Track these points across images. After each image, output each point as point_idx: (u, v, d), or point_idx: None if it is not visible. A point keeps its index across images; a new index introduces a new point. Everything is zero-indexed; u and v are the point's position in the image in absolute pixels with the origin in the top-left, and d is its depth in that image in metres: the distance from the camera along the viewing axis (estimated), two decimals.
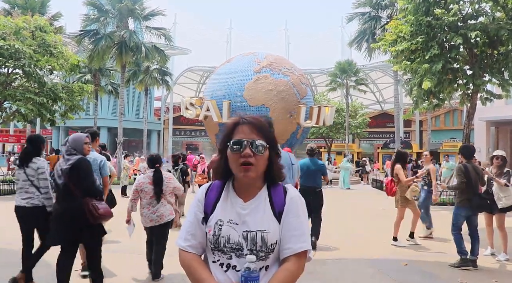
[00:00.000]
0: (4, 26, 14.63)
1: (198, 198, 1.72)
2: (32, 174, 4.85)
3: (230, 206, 1.64)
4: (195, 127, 43.65)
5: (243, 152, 1.56)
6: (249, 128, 1.61)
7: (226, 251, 1.58)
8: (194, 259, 1.64)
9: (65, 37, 23.03)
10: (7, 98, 15.34)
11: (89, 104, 29.56)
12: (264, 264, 1.58)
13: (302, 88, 22.71)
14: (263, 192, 1.66)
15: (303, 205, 1.69)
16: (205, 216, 1.67)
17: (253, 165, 1.57)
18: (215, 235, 1.60)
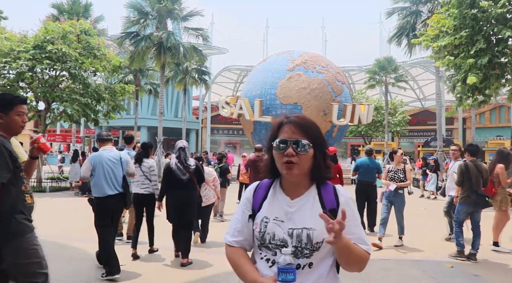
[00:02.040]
0: (52, 31, 15.31)
1: (246, 197, 1.77)
2: (146, 170, 6.52)
3: (277, 204, 1.67)
4: (233, 125, 44.00)
5: (286, 152, 1.59)
6: (293, 128, 1.64)
7: (271, 248, 1.61)
8: (239, 252, 1.69)
9: (107, 40, 23.78)
10: (55, 99, 16.05)
11: (130, 104, 30.40)
12: (308, 262, 1.59)
13: (337, 86, 22.44)
14: (311, 190, 1.68)
15: (355, 206, 1.72)
16: (253, 213, 1.71)
17: (296, 164, 1.59)
18: (261, 232, 1.64)
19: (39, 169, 16.16)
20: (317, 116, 20.69)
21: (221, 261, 6.05)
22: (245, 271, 1.63)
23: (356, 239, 1.60)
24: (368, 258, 1.62)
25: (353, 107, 21.52)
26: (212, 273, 5.50)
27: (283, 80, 21.97)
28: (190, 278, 5.29)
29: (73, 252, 6.53)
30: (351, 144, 44.73)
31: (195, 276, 5.37)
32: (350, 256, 1.56)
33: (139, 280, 5.21)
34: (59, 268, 5.52)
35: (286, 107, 21.71)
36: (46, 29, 15.48)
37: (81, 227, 8.65)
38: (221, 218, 9.74)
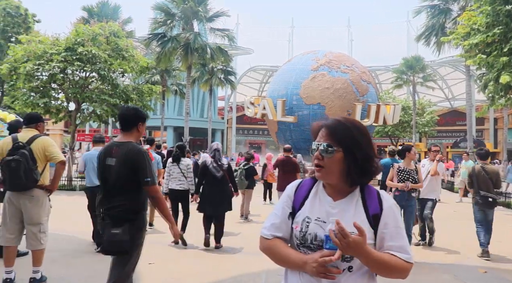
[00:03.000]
0: (83, 33, 15.69)
1: (287, 194, 1.76)
2: (184, 168, 7.39)
3: (319, 204, 1.66)
4: (258, 126, 44.07)
5: (314, 155, 1.65)
6: (324, 131, 1.67)
7: (313, 248, 1.61)
8: (276, 241, 1.69)
9: (134, 41, 24.20)
10: (85, 100, 16.42)
11: (156, 104, 30.84)
12: (347, 265, 1.58)
13: (362, 86, 22.16)
14: (355, 193, 1.66)
15: (399, 213, 1.71)
16: (293, 211, 1.71)
17: (322, 167, 1.63)
18: (302, 231, 1.63)
19: (69, 168, 16.57)
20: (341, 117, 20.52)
21: (248, 261, 6.07)
22: (287, 254, 1.64)
23: (397, 248, 1.58)
24: (409, 268, 1.58)
25: (377, 107, 21.21)
26: (238, 273, 5.50)
27: (306, 80, 21.88)
28: (217, 277, 5.31)
29: None
30: (378, 145, 44.11)
31: (222, 275, 5.38)
32: (382, 268, 1.55)
33: (167, 279, 5.26)
34: (89, 265, 5.63)
35: (310, 107, 21.62)
36: (77, 32, 15.87)
37: None
38: (246, 219, 9.75)
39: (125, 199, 3.26)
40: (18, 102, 16.29)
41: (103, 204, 3.33)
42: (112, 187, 3.29)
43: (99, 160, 3.44)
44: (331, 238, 1.46)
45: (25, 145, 4.48)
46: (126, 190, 3.27)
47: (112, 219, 3.24)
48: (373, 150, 1.67)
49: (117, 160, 3.29)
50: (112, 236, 3.17)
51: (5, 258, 4.57)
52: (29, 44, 15.82)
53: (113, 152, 3.35)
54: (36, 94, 16.03)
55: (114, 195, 3.28)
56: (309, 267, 1.54)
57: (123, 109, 3.52)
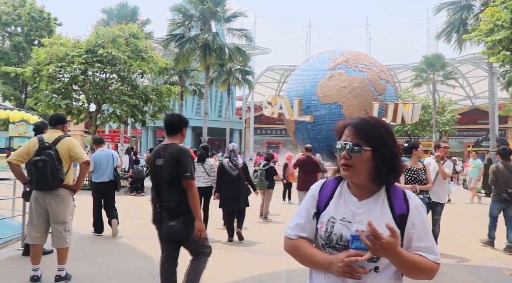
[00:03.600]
0: (103, 35, 15.93)
1: (312, 194, 1.75)
2: (208, 168, 7.99)
3: (344, 204, 1.65)
4: (276, 125, 44.02)
5: (341, 155, 1.62)
6: (350, 130, 1.64)
7: (338, 248, 1.60)
8: (301, 241, 1.68)
9: (153, 42, 24.45)
10: (105, 101, 16.68)
11: (175, 104, 31.09)
12: (374, 265, 1.57)
13: (380, 84, 21.90)
14: (380, 193, 1.64)
15: (425, 213, 1.67)
16: (317, 211, 1.70)
17: (350, 167, 1.60)
18: (327, 231, 1.62)
19: None
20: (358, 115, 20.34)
21: (268, 260, 6.08)
22: (312, 254, 1.63)
23: (424, 248, 1.56)
24: (437, 268, 1.57)
25: (395, 106, 20.94)
26: (259, 273, 5.51)
27: (323, 79, 21.77)
28: (238, 277, 5.32)
29: (125, 249, 6.73)
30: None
31: (243, 275, 5.39)
32: (411, 269, 1.53)
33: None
34: (112, 264, 5.71)
35: (327, 106, 21.50)
36: (97, 34, 16.13)
37: (133, 225, 8.93)
38: (265, 219, 9.76)
39: (176, 194, 3.71)
40: (41, 103, 16.64)
41: (158, 200, 3.80)
42: (163, 184, 3.75)
43: (151, 161, 3.93)
44: (361, 239, 1.44)
45: (51, 145, 4.57)
46: (176, 186, 3.71)
47: (168, 213, 3.71)
48: (399, 148, 1.66)
49: (164, 160, 3.75)
50: (169, 228, 3.67)
51: (32, 256, 4.68)
52: (51, 47, 16.15)
53: (161, 153, 3.81)
54: (58, 96, 16.35)
55: (166, 191, 3.74)
56: (335, 267, 1.52)
57: (169, 116, 3.94)
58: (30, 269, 4.66)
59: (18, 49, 31.51)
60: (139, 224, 9.12)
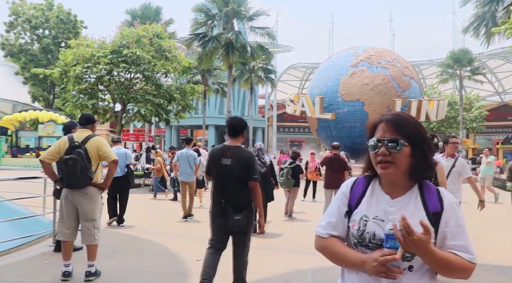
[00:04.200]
0: (127, 36, 16.18)
1: (343, 192, 1.73)
2: None
3: (376, 202, 1.63)
4: (299, 123, 43.85)
5: (378, 151, 1.57)
6: (387, 126, 1.60)
7: (371, 247, 1.57)
8: (333, 240, 1.66)
9: (176, 42, 24.67)
10: (130, 101, 16.95)
11: (198, 103, 31.35)
12: (408, 264, 1.53)
13: (403, 81, 21.55)
14: (413, 191, 1.61)
15: (461, 211, 1.63)
16: (349, 210, 1.67)
17: (390, 163, 1.56)
18: (360, 230, 1.60)
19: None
20: (381, 113, 19.90)
21: (293, 258, 6.06)
22: (345, 253, 1.61)
23: (459, 247, 1.53)
24: (472, 268, 1.53)
25: (419, 103, 20.57)
26: (286, 271, 5.50)
27: (345, 76, 21.60)
28: (263, 275, 5.33)
29: (152, 247, 6.82)
30: None
31: (268, 273, 5.40)
32: (444, 268, 1.51)
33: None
34: (138, 261, 5.80)
35: (349, 103, 21.30)
36: (122, 35, 16.39)
37: (158, 223, 9.06)
38: (290, 217, 9.73)
39: (241, 191, 4.19)
40: (69, 104, 17.03)
41: (223, 196, 4.20)
42: (229, 182, 4.18)
43: (215, 160, 4.28)
44: (395, 234, 1.41)
45: (81, 144, 4.67)
46: (240, 184, 4.18)
47: (233, 207, 4.13)
48: (432, 144, 1.63)
49: (232, 161, 4.15)
50: (235, 221, 4.11)
51: (63, 252, 4.80)
52: (78, 48, 16.51)
53: (227, 154, 4.21)
54: (85, 96, 16.70)
55: (232, 188, 4.18)
56: (369, 266, 1.50)
57: (233, 120, 4.40)
58: (62, 264, 4.78)
59: (46, 51, 32.34)
60: (163, 222, 9.26)
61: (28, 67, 31.03)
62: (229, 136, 4.31)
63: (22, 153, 29.30)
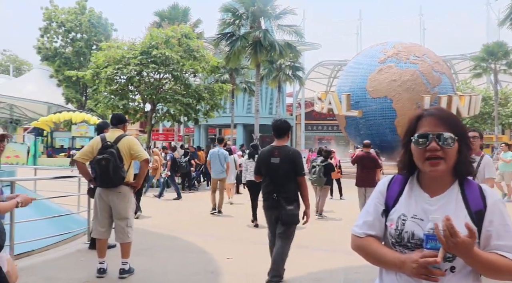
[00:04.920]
0: (157, 37, 16.42)
1: (379, 190, 1.69)
2: None
3: (414, 201, 1.57)
4: (327, 121, 43.46)
5: (429, 146, 1.50)
6: (434, 120, 1.54)
7: (410, 247, 1.52)
8: (370, 240, 1.62)
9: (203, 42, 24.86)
10: (159, 101, 17.20)
11: (226, 102, 31.52)
12: (450, 265, 1.47)
13: (433, 76, 20.98)
14: (454, 188, 1.55)
15: (506, 209, 1.54)
16: (386, 208, 1.63)
17: (442, 159, 1.49)
18: (398, 229, 1.55)
19: None
20: (410, 109, 19.71)
21: (325, 257, 6.00)
22: (383, 253, 1.56)
23: (505, 247, 1.45)
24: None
25: (449, 99, 20.01)
26: (316, 270, 5.46)
27: (373, 73, 21.29)
28: (295, 273, 5.30)
29: (180, 244, 6.90)
30: None
31: (300, 272, 5.36)
32: (488, 270, 1.44)
33: (245, 274, 5.35)
34: (169, 259, 5.88)
35: (376, 100, 20.96)
36: (151, 36, 16.64)
37: (185, 221, 9.16)
38: (320, 216, 9.67)
39: (289, 186, 4.66)
40: (100, 105, 17.43)
41: (275, 191, 4.69)
42: (279, 178, 4.67)
43: (264, 160, 4.80)
44: (437, 235, 1.36)
45: (113, 144, 4.76)
46: (288, 179, 4.66)
47: (285, 200, 4.62)
48: None
49: (280, 159, 4.65)
50: (288, 211, 4.58)
51: (98, 250, 4.92)
52: (109, 50, 16.86)
53: (275, 153, 4.70)
54: (116, 97, 17.05)
55: (282, 183, 4.67)
56: (408, 267, 1.44)
57: (277, 122, 4.85)
58: (96, 261, 4.90)
59: (79, 54, 33.23)
60: (189, 220, 9.36)
61: (62, 70, 31.99)
62: (275, 137, 4.82)
63: (57, 153, 30.20)
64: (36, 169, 10.80)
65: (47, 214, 6.45)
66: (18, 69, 55.44)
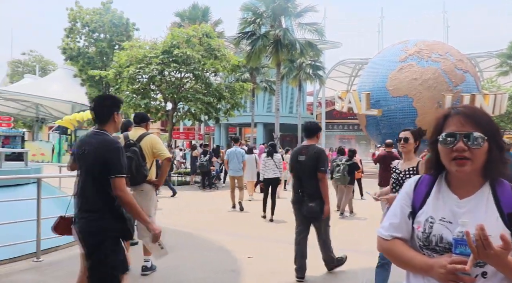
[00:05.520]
0: (178, 36, 16.53)
1: (406, 191, 1.64)
2: (277, 161, 9.54)
3: (443, 203, 1.52)
4: (348, 120, 43.10)
5: (455, 146, 1.44)
6: (462, 119, 1.48)
7: (438, 250, 1.47)
8: (397, 242, 1.57)
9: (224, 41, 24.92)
10: (180, 100, 17.33)
11: (246, 101, 31.56)
12: (481, 271, 1.41)
13: (456, 75, 20.52)
14: (484, 189, 1.49)
15: None
16: (413, 210, 1.58)
17: (469, 160, 1.43)
18: (425, 232, 1.50)
19: None
20: (431, 109, 19.38)
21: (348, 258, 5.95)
22: (410, 257, 1.51)
23: None
24: None
25: (472, 97, 19.53)
26: (338, 270, 5.42)
27: (393, 71, 21.01)
28: (316, 273, 5.27)
29: (201, 242, 6.95)
30: None
31: (321, 271, 5.34)
32: None
33: (266, 272, 5.34)
34: (190, 257, 5.92)
35: (397, 99, 20.69)
36: (172, 35, 16.76)
37: (205, 219, 9.22)
38: (342, 215, 9.61)
39: (313, 183, 4.96)
40: (122, 103, 17.64)
41: (300, 187, 5.10)
42: (304, 175, 5.03)
43: (294, 158, 5.21)
44: (468, 241, 1.29)
45: (135, 143, 4.81)
46: (313, 176, 4.96)
47: (308, 197, 4.97)
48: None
49: (306, 157, 5.02)
50: (309, 208, 4.91)
51: None
52: (131, 49, 17.06)
53: (302, 152, 5.10)
54: (138, 96, 17.22)
55: (307, 180, 5.01)
56: (436, 272, 1.39)
57: (307, 123, 5.29)
58: None
59: (102, 54, 33.79)
60: (211, 218, 9.41)
61: (85, 70, 32.55)
62: (305, 137, 5.29)
63: None
64: (61, 167, 11.04)
65: (71, 211, 6.57)
66: (44, 69, 56.69)
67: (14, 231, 5.20)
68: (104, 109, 3.14)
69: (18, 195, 6.00)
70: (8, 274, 4.81)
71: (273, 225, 8.66)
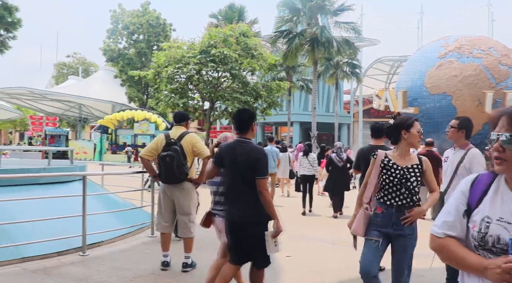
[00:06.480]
0: (215, 36, 16.70)
1: (461, 190, 1.60)
2: (311, 160, 10.10)
3: (501, 202, 1.47)
4: (386, 119, 42.02)
5: (493, 146, 1.45)
6: (505, 120, 1.46)
7: (495, 251, 1.43)
8: (451, 241, 1.55)
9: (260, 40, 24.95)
10: (218, 99, 17.50)
11: (283, 100, 31.47)
12: None
13: (500, 71, 19.60)
14: None
15: None
16: (468, 209, 1.54)
17: (504, 161, 1.43)
18: (481, 232, 1.46)
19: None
20: (471, 106, 18.61)
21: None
22: (464, 257, 1.49)
23: None
24: None
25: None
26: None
27: (432, 68, 20.34)
28: (354, 274, 5.17)
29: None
30: None
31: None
32: None
33: (306, 272, 5.30)
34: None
35: (435, 97, 20.05)
36: (209, 35, 16.95)
37: None
38: None
39: None
40: (161, 103, 18.02)
41: None
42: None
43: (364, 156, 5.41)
44: None
45: (176, 141, 4.89)
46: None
47: None
48: None
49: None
50: None
51: (162, 243, 5.08)
52: (169, 50, 17.38)
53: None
54: (176, 95, 17.53)
55: None
56: (491, 273, 1.36)
57: (375, 124, 5.59)
58: (161, 254, 5.07)
59: (141, 55, 34.66)
60: None
61: (125, 70, 33.55)
62: (372, 137, 5.55)
63: (120, 150, 31.73)
64: (103, 165, 11.40)
65: (114, 208, 6.78)
66: (86, 71, 58.80)
67: (62, 225, 5.40)
68: (245, 121, 3.68)
69: (65, 192, 6.25)
70: (57, 266, 5.00)
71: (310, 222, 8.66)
